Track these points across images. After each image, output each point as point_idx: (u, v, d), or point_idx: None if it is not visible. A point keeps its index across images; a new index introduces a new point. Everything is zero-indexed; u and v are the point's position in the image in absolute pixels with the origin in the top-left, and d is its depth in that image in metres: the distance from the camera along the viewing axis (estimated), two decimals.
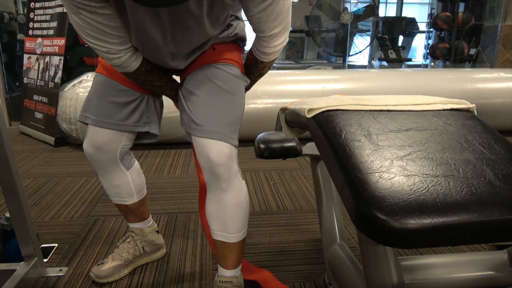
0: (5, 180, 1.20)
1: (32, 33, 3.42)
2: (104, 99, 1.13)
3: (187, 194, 2.08)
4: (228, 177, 1.04)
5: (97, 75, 1.16)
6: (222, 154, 1.01)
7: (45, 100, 3.16)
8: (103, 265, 1.33)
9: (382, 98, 0.95)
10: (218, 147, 1.00)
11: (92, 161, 1.20)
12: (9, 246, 1.39)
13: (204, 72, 1.05)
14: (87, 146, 1.18)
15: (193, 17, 0.90)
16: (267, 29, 0.94)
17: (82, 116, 1.16)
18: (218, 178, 1.03)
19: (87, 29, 0.86)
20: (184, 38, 0.96)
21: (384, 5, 9.28)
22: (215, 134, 1.01)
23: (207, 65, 1.06)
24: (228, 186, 1.05)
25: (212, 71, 1.05)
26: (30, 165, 2.57)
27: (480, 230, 0.60)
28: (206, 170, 1.04)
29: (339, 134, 0.79)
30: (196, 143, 1.04)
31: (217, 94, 1.03)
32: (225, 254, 1.14)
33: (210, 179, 1.05)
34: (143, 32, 0.92)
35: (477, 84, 3.26)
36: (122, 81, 1.12)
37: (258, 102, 2.97)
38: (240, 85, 1.09)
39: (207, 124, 1.01)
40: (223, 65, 1.06)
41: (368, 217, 0.61)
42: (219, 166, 1.01)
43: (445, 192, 0.64)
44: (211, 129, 1.01)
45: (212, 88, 1.03)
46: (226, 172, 1.03)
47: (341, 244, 1.25)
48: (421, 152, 0.75)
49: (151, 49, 0.99)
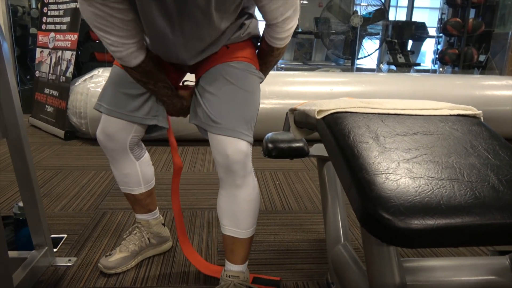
0: (20, 171, 1.24)
1: (45, 27, 3.47)
2: (118, 89, 1.17)
3: (194, 191, 2.11)
4: (243, 174, 1.07)
5: (114, 66, 1.21)
6: (239, 151, 1.03)
7: (56, 94, 3.21)
8: (111, 256, 1.36)
9: (391, 102, 0.97)
10: (235, 145, 1.03)
11: (104, 148, 1.25)
12: (20, 235, 1.43)
13: (218, 70, 1.08)
14: (99, 133, 1.22)
15: (200, 8, 0.91)
16: (279, 15, 0.96)
17: (97, 104, 1.22)
18: (234, 175, 1.06)
19: (96, 19, 0.89)
20: (193, 31, 0.98)
21: (394, 9, 9.27)
22: (233, 131, 1.03)
23: (221, 64, 1.08)
24: (243, 182, 1.08)
25: (227, 69, 1.07)
26: (40, 157, 2.62)
27: (482, 233, 0.62)
28: (222, 166, 1.07)
29: (348, 136, 0.82)
30: (213, 140, 1.07)
31: (233, 92, 1.06)
32: (234, 249, 1.16)
33: (225, 176, 1.08)
34: (152, 24, 0.95)
35: (486, 91, 3.26)
36: None
37: (266, 102, 2.99)
38: (255, 82, 1.11)
39: (224, 122, 1.04)
40: (237, 63, 1.08)
41: (373, 216, 0.63)
42: (235, 163, 1.04)
43: (449, 194, 0.66)
44: (229, 126, 1.04)
45: (228, 86, 1.06)
46: (242, 169, 1.06)
47: (345, 245, 1.27)
48: (427, 156, 0.77)
49: (161, 42, 1.01)
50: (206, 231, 1.67)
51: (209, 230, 1.68)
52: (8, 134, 1.20)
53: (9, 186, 2.11)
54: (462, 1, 5.57)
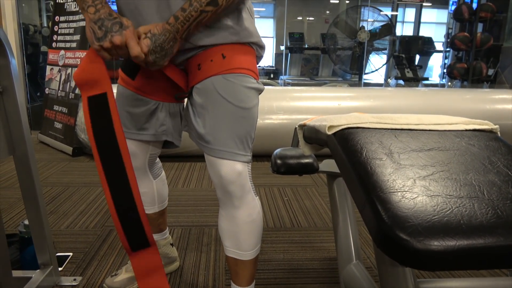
0: (26, 188, 1.22)
1: (56, 45, 3.52)
2: (123, 109, 1.15)
3: (201, 208, 2.08)
4: (240, 195, 1.03)
5: (118, 85, 1.19)
6: (233, 172, 0.99)
7: (65, 111, 3.23)
8: (117, 276, 1.33)
9: (403, 117, 0.94)
10: (229, 166, 0.99)
11: None
12: (25, 254, 1.41)
13: (213, 84, 0.99)
14: None
15: None
16: None
17: None
18: (231, 196, 1.02)
19: None
20: None
21: (401, 24, 9.31)
22: (226, 153, 0.99)
23: (217, 76, 0.99)
24: (241, 203, 1.04)
25: (222, 84, 0.99)
26: (48, 174, 2.61)
27: (507, 254, 0.58)
28: (218, 187, 1.03)
29: (360, 152, 0.79)
30: (207, 159, 1.03)
31: (226, 110, 0.99)
32: (238, 271, 1.13)
33: (222, 196, 1.04)
34: None
35: (496, 105, 3.21)
36: (136, 90, 1.12)
37: (274, 117, 2.98)
38: (252, 97, 1.03)
39: (217, 143, 0.99)
40: (234, 77, 1.00)
41: (390, 237, 0.59)
42: (230, 184, 1.00)
43: (469, 214, 0.62)
44: (221, 147, 0.99)
45: (222, 104, 0.99)
46: (239, 189, 1.02)
47: (357, 264, 1.22)
48: (444, 173, 0.74)
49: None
50: (214, 249, 1.64)
51: (217, 249, 1.64)
52: (15, 151, 1.19)
53: (16, 203, 2.10)
54: (469, 16, 5.57)
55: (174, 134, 1.19)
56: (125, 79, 1.14)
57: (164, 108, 1.15)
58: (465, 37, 5.58)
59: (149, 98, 1.12)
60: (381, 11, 6.08)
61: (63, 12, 3.46)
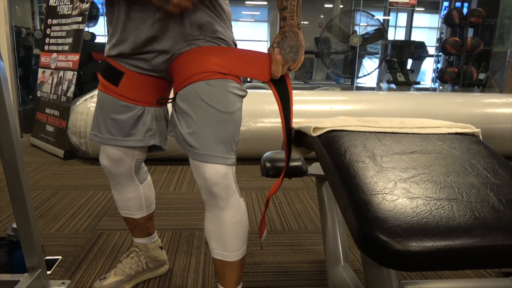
0: (15, 191, 1.22)
1: (48, 48, 3.51)
2: (107, 116, 1.14)
3: (192, 211, 2.08)
4: (226, 196, 1.04)
5: (98, 92, 1.17)
6: (217, 174, 1.01)
7: (57, 114, 3.22)
8: (105, 279, 1.32)
9: (387, 120, 0.96)
10: (213, 168, 1.00)
11: (108, 173, 1.22)
12: (14, 257, 1.40)
13: (195, 90, 1.01)
14: (103, 159, 1.20)
15: None
16: None
17: (91, 134, 1.19)
18: (216, 197, 1.03)
19: None
20: None
21: (393, 29, 9.39)
22: (209, 157, 1.00)
23: (199, 83, 1.01)
24: (226, 204, 1.05)
25: (204, 89, 1.01)
26: (39, 177, 2.60)
27: (483, 255, 0.59)
28: (203, 189, 1.04)
29: (344, 155, 0.80)
30: (191, 163, 1.05)
31: (209, 115, 1.01)
32: (224, 273, 1.13)
33: (208, 198, 1.05)
34: None
35: (486, 109, 3.25)
36: (120, 96, 1.12)
37: (266, 121, 2.99)
38: (234, 101, 1.04)
39: (201, 147, 1.00)
40: (215, 82, 1.01)
41: (370, 238, 0.61)
42: (215, 186, 1.01)
43: (448, 215, 0.64)
44: (205, 151, 1.00)
45: (204, 109, 1.01)
46: (224, 191, 1.03)
47: (345, 266, 1.23)
48: (425, 175, 0.75)
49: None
50: (204, 252, 1.64)
51: (207, 251, 1.64)
52: (3, 154, 1.19)
53: (5, 206, 2.09)
54: (460, 21, 5.64)
55: (161, 138, 1.20)
56: (106, 85, 1.13)
57: (150, 112, 1.15)
58: (456, 42, 5.64)
59: (134, 104, 1.12)
60: (374, 16, 6.13)
61: (56, 15, 3.46)
